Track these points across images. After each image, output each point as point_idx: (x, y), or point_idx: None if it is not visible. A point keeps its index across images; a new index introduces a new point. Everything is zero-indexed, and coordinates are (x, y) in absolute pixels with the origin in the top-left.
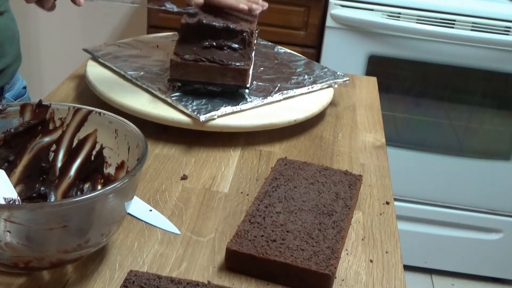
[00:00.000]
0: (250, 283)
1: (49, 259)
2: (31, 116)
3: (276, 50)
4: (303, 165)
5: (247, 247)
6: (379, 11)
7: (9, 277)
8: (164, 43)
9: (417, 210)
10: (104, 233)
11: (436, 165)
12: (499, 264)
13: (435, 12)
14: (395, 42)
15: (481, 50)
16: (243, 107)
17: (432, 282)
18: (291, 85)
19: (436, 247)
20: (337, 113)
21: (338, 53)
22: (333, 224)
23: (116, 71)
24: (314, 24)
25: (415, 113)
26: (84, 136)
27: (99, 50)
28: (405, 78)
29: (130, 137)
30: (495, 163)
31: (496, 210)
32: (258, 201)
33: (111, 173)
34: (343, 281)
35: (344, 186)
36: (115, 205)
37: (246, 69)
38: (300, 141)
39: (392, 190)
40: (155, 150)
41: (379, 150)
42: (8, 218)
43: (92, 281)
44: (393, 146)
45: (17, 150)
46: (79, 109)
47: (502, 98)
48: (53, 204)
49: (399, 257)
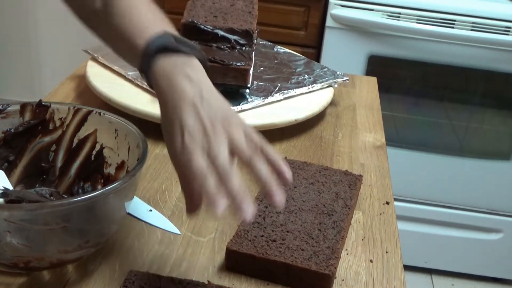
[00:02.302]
0: (250, 283)
1: (49, 259)
2: (31, 116)
3: (276, 50)
4: (303, 165)
5: (247, 247)
6: (379, 11)
7: (9, 277)
8: None
9: (417, 210)
10: (104, 233)
11: (436, 165)
12: (499, 264)
13: (435, 12)
14: (395, 42)
15: (481, 50)
16: (244, 107)
17: (432, 282)
18: (291, 84)
19: (436, 247)
20: (337, 113)
21: (338, 53)
22: (333, 224)
23: (116, 71)
24: (314, 24)
25: (415, 113)
26: (84, 136)
27: (99, 50)
28: (405, 78)
29: (130, 137)
30: (495, 163)
31: (496, 210)
32: (258, 201)
33: (111, 173)
34: (343, 281)
35: (344, 186)
36: (115, 205)
37: (247, 69)
38: (300, 141)
39: (392, 190)
40: (155, 150)
41: (379, 150)
42: (8, 218)
43: (92, 281)
44: (393, 146)
45: (17, 150)
46: (79, 109)
47: (502, 98)
48: (53, 204)
49: (399, 257)
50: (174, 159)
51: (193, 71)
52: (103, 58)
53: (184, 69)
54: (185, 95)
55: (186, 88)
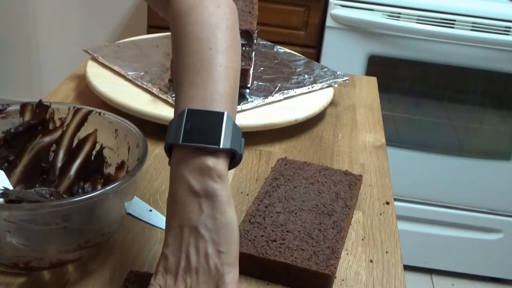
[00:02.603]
0: (250, 283)
1: (49, 259)
2: (31, 116)
3: (276, 50)
4: (303, 165)
5: (247, 247)
6: (379, 11)
7: (9, 277)
8: (164, 43)
9: (417, 210)
10: (104, 233)
11: (436, 165)
12: (499, 264)
13: (435, 12)
14: (395, 42)
15: (481, 50)
16: (244, 107)
17: (432, 282)
18: (291, 84)
19: (436, 247)
20: (337, 113)
21: (338, 53)
22: (333, 224)
23: (116, 71)
24: (314, 24)
25: (415, 113)
26: (84, 136)
27: (99, 50)
28: (405, 78)
29: (130, 137)
30: (495, 163)
31: (496, 210)
32: (258, 201)
33: (111, 173)
34: (343, 281)
35: (344, 186)
36: (115, 205)
37: (247, 69)
38: (300, 141)
39: (392, 190)
40: (155, 150)
41: (379, 150)
42: (8, 218)
43: (92, 281)
44: (393, 146)
45: (17, 150)
46: (79, 109)
47: (502, 98)
48: (53, 204)
49: (399, 257)
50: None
51: (203, 180)
52: (103, 58)
53: (188, 181)
54: (180, 217)
55: (185, 211)
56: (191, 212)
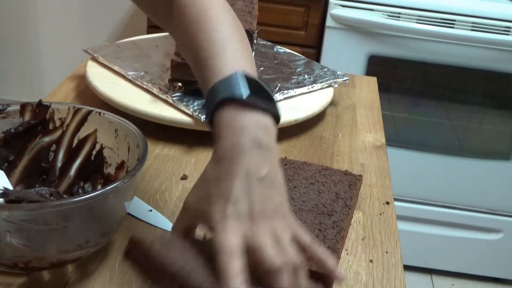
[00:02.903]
0: None
1: (49, 259)
2: (31, 116)
3: (276, 50)
4: (303, 165)
5: None
6: (379, 11)
7: (9, 277)
8: (164, 43)
9: (417, 210)
10: (104, 233)
11: (436, 165)
12: (499, 264)
13: (435, 12)
14: (395, 42)
15: (481, 50)
16: None
17: (432, 282)
18: (291, 84)
19: (436, 247)
20: (337, 113)
21: (338, 53)
22: (333, 224)
23: (116, 71)
24: (314, 24)
25: (415, 113)
26: (84, 136)
27: (99, 50)
28: (405, 78)
29: (130, 137)
30: (495, 163)
31: (496, 210)
32: None
33: (111, 173)
34: (343, 281)
35: (344, 186)
36: (115, 205)
37: None
38: (300, 141)
39: (392, 190)
40: (155, 150)
41: (379, 150)
42: (8, 218)
43: (92, 281)
44: (393, 146)
45: (17, 150)
46: (79, 109)
47: (502, 98)
48: (53, 204)
49: (399, 257)
50: (198, 211)
51: (265, 136)
52: (103, 58)
53: (255, 132)
54: (246, 165)
55: (251, 160)
56: (258, 162)
